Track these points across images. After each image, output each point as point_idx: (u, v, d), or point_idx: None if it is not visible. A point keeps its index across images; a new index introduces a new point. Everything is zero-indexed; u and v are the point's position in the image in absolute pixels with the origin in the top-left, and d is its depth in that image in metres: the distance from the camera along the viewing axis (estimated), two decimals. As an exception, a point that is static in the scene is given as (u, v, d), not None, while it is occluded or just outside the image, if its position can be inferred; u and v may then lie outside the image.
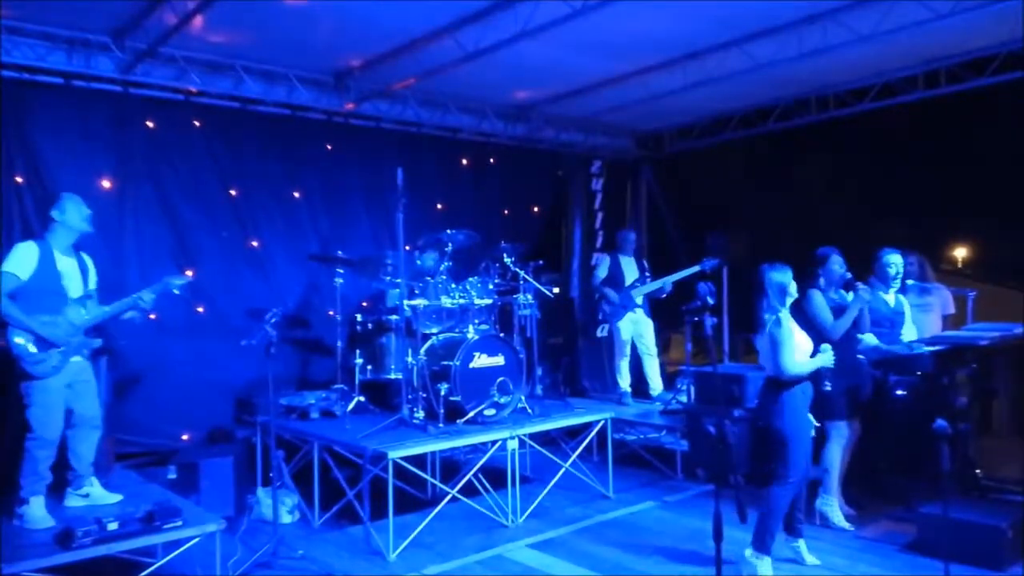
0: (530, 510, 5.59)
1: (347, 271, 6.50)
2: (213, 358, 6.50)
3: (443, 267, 6.16)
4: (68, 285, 4.26)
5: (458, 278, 6.24)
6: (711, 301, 4.06)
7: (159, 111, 6.49)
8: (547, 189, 9.41)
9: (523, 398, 6.08)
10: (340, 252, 6.63)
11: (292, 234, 7.19)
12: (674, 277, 7.40)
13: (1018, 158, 7.12)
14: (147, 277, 5.59)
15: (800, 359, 4.39)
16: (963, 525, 4.38)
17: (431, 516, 5.10)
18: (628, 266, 7.67)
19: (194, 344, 6.49)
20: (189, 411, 6.40)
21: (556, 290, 7.12)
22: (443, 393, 5.52)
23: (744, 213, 9.11)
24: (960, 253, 12.17)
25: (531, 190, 9.10)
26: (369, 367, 6.17)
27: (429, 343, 5.98)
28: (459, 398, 5.60)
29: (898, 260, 5.42)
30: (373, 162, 7.59)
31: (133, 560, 3.94)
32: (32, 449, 4.10)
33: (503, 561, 4.85)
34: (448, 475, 6.07)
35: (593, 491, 6.15)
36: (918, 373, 5.21)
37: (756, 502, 4.44)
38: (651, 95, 7.51)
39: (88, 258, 4.46)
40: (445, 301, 6.02)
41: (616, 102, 7.94)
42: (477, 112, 8.03)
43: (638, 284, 7.56)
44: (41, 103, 5.93)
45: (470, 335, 5.82)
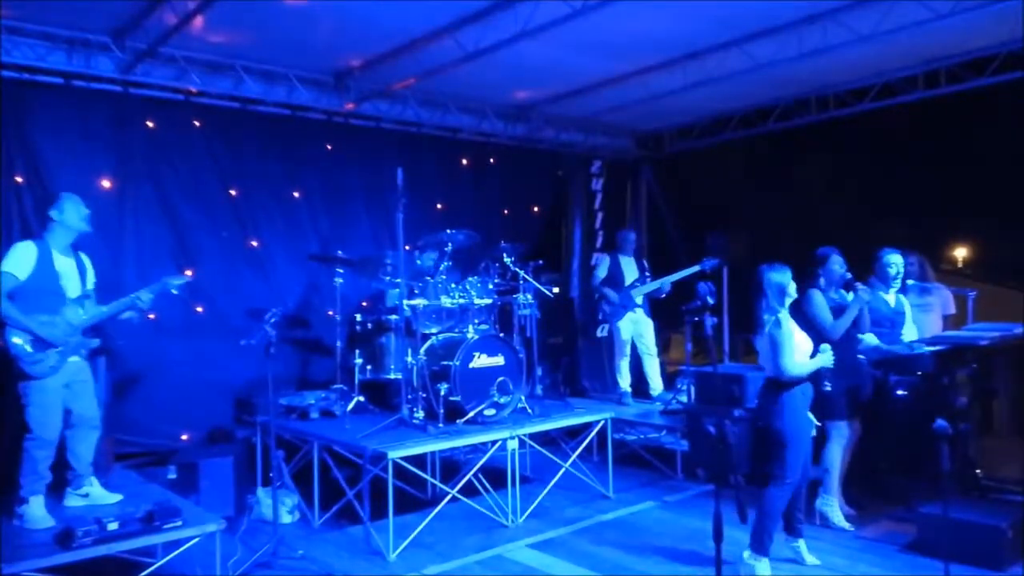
0: (530, 510, 5.59)
1: (347, 271, 6.50)
2: (213, 358, 6.50)
3: (443, 267, 6.16)
4: (66, 285, 4.26)
5: (458, 278, 6.24)
6: (711, 301, 4.06)
7: (159, 111, 6.49)
8: (547, 189, 9.41)
9: (523, 398, 6.08)
10: (340, 252, 6.62)
11: (292, 234, 7.19)
12: (673, 277, 7.39)
13: (1018, 158, 7.11)
14: (147, 277, 5.58)
15: (800, 360, 4.39)
16: (963, 525, 4.38)
17: (431, 516, 5.10)
18: (628, 266, 7.66)
19: (194, 344, 6.49)
20: (189, 411, 6.40)
21: (556, 290, 7.12)
22: (443, 393, 5.52)
23: (744, 213, 9.11)
24: (960, 253, 12.16)
25: (531, 190, 9.10)
26: (369, 367, 6.17)
27: (429, 343, 5.98)
28: (459, 398, 5.60)
29: (898, 260, 5.41)
30: (373, 162, 7.59)
31: (133, 560, 3.94)
32: (31, 449, 4.10)
33: (503, 561, 4.85)
34: (448, 475, 6.07)
35: (593, 491, 6.15)
36: (918, 373, 5.20)
37: (756, 502, 4.44)
38: (651, 95, 7.51)
39: (86, 258, 4.46)
40: (445, 301, 6.02)
41: (616, 102, 7.94)
42: (477, 112, 8.03)
43: (638, 284, 7.56)
44: (41, 103, 5.94)
45: (470, 335, 5.82)
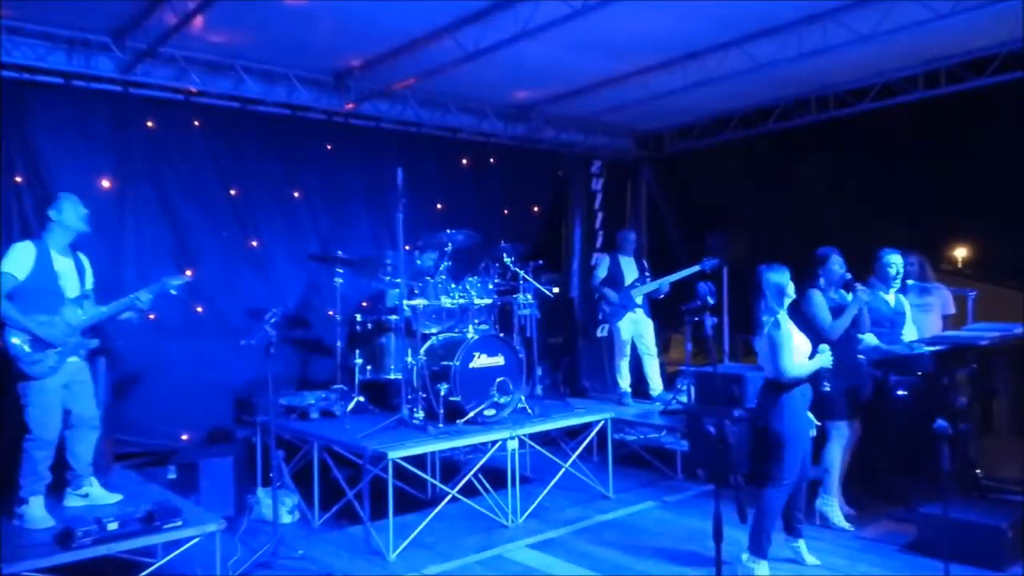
0: (530, 510, 5.59)
1: (347, 271, 6.50)
2: (213, 358, 6.50)
3: (443, 267, 6.16)
4: (65, 285, 4.25)
5: (458, 278, 6.24)
6: (711, 301, 4.06)
7: (159, 111, 6.49)
8: (547, 189, 9.41)
9: (523, 398, 6.08)
10: (340, 252, 6.63)
11: (292, 234, 7.19)
12: (673, 277, 7.39)
13: (1018, 158, 7.11)
14: (146, 277, 5.58)
15: (799, 361, 4.38)
16: (963, 525, 4.37)
17: (431, 516, 5.10)
18: (628, 266, 7.66)
19: (194, 344, 6.50)
20: (189, 411, 6.40)
21: (556, 290, 7.12)
22: (443, 393, 5.52)
23: (744, 213, 9.11)
24: (960, 253, 12.17)
25: (531, 190, 9.10)
26: (369, 367, 6.17)
27: (429, 343, 5.98)
28: (459, 398, 5.60)
29: (898, 260, 5.41)
30: (373, 162, 7.59)
31: (133, 560, 3.94)
32: (30, 450, 4.10)
33: (503, 561, 4.85)
34: (448, 475, 6.07)
35: (593, 491, 6.15)
36: (918, 373, 5.20)
37: (756, 503, 4.44)
38: (651, 95, 7.51)
39: (85, 258, 4.45)
40: (445, 301, 6.02)
41: (616, 102, 7.94)
42: (477, 112, 8.03)
43: (638, 284, 7.56)
44: (41, 103, 5.94)
45: (470, 335, 5.82)
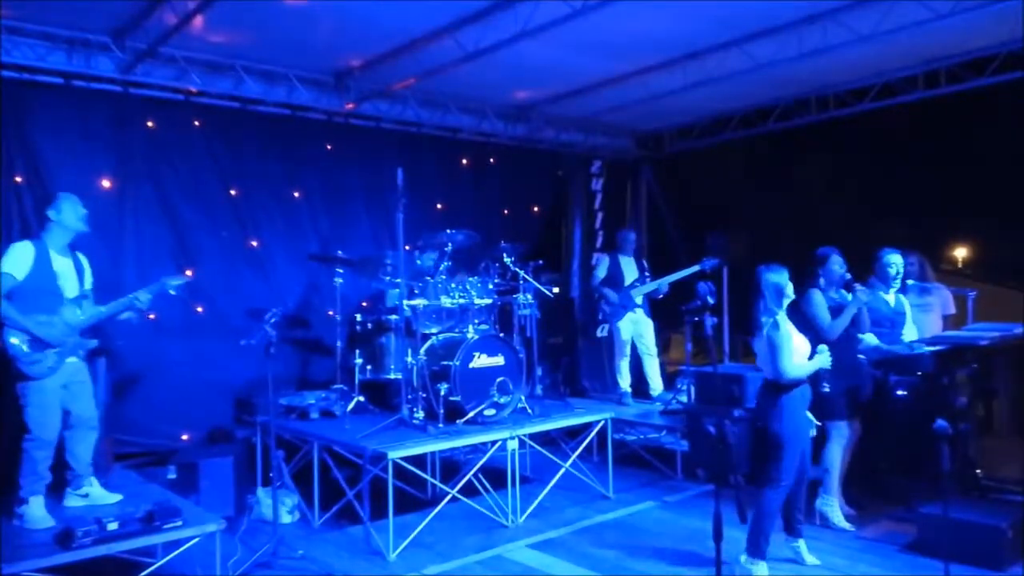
0: (530, 510, 5.59)
1: (347, 271, 6.50)
2: (213, 358, 6.50)
3: (443, 267, 6.17)
4: (64, 285, 4.25)
5: (458, 278, 6.24)
6: (711, 301, 4.06)
7: (159, 111, 6.49)
8: (547, 189, 9.41)
9: (523, 398, 6.08)
10: (340, 252, 6.62)
11: (292, 234, 7.19)
12: (672, 277, 7.40)
13: (1018, 158, 7.11)
14: (146, 277, 5.57)
15: (799, 362, 4.37)
16: (963, 525, 4.38)
17: (431, 516, 5.10)
18: (628, 266, 7.66)
19: (194, 344, 6.50)
20: (189, 411, 6.40)
21: (556, 290, 7.11)
22: (443, 393, 5.52)
23: (744, 213, 9.11)
24: (960, 253, 12.16)
25: (531, 190, 9.10)
26: (369, 367, 6.17)
27: (429, 343, 5.98)
28: (459, 398, 5.60)
29: (898, 260, 5.41)
30: (373, 162, 7.59)
31: (133, 560, 3.94)
32: (30, 450, 4.09)
33: (503, 561, 4.85)
34: (448, 475, 6.07)
35: (593, 491, 6.14)
36: (918, 373, 5.20)
37: (755, 503, 4.44)
38: (651, 95, 7.51)
39: (84, 258, 4.45)
40: (445, 301, 6.02)
41: (616, 102, 7.94)
42: (477, 112, 8.03)
43: (637, 284, 7.56)
44: (41, 103, 5.94)
45: (470, 335, 5.82)
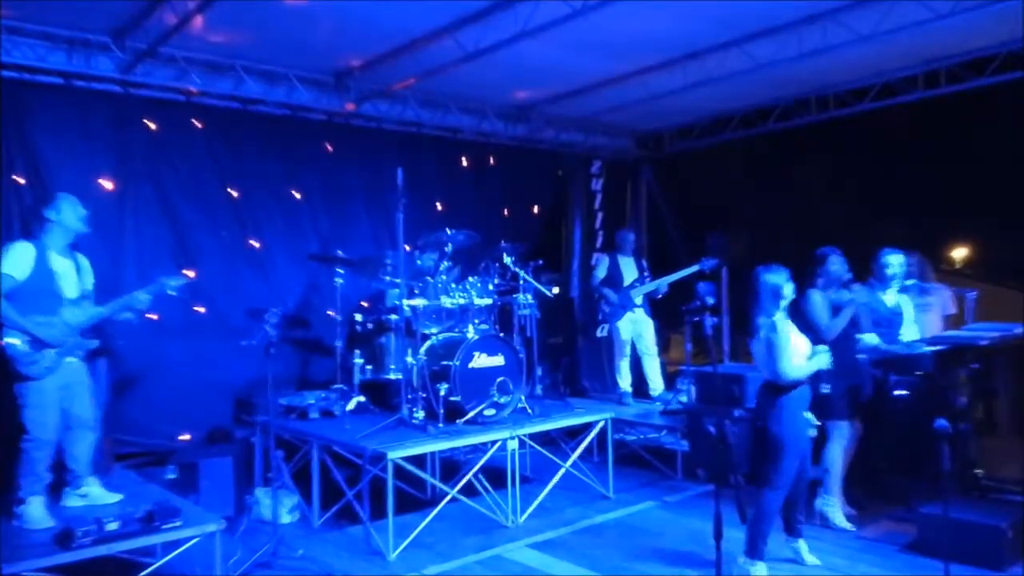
0: (530, 510, 5.59)
1: (347, 271, 6.50)
2: (213, 358, 6.50)
3: (443, 267, 6.17)
4: (63, 285, 4.25)
5: (458, 278, 6.24)
6: (711, 301, 4.07)
7: (159, 111, 6.49)
8: (547, 189, 9.40)
9: (523, 398, 6.08)
10: (340, 252, 6.62)
11: (292, 234, 7.19)
12: (671, 277, 7.40)
13: (1018, 158, 7.11)
14: (146, 277, 5.53)
15: (798, 363, 4.35)
16: (963, 525, 4.38)
17: (431, 516, 5.10)
18: (627, 266, 7.67)
19: (194, 344, 6.49)
20: (189, 411, 6.40)
21: (556, 290, 7.11)
22: (443, 393, 5.51)
23: (744, 213, 9.11)
24: (960, 253, 12.15)
25: (531, 190, 9.09)
26: (369, 367, 6.17)
27: (429, 343, 5.98)
28: (459, 398, 5.60)
29: (898, 260, 5.41)
30: (373, 162, 7.59)
31: (133, 560, 3.94)
32: (30, 450, 4.09)
33: (503, 561, 4.85)
34: (448, 475, 6.07)
35: (593, 491, 6.14)
36: (918, 373, 5.21)
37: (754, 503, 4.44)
38: (651, 95, 7.51)
39: (83, 258, 4.45)
40: (445, 301, 6.02)
41: (616, 102, 7.93)
42: (477, 112, 8.03)
43: (637, 284, 7.56)
44: (41, 103, 5.93)
45: (470, 335, 5.82)
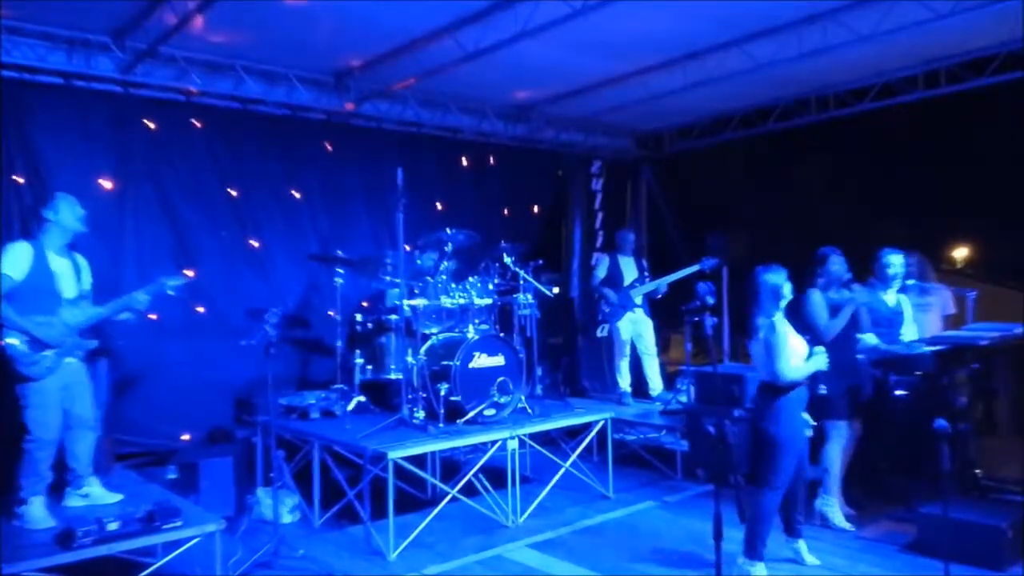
0: (530, 510, 5.60)
1: (347, 271, 6.50)
2: (213, 358, 6.50)
3: (443, 267, 6.17)
4: (62, 286, 4.25)
5: (458, 278, 6.24)
6: (711, 301, 4.06)
7: (159, 111, 6.49)
8: (547, 189, 9.41)
9: (523, 398, 6.08)
10: (340, 252, 6.62)
11: (292, 234, 7.19)
12: (671, 277, 7.41)
13: (1018, 158, 7.10)
14: (146, 277, 5.53)
15: (796, 364, 4.34)
16: (963, 525, 4.38)
17: (431, 516, 5.10)
18: (627, 266, 7.67)
19: (194, 344, 6.49)
20: (189, 411, 6.40)
21: (556, 290, 7.11)
22: (443, 393, 5.52)
23: (744, 213, 9.10)
24: (960, 253, 12.14)
25: (531, 190, 9.09)
26: (369, 367, 6.17)
27: (429, 343, 5.98)
28: (459, 398, 5.60)
29: (898, 260, 5.41)
30: (373, 162, 7.59)
31: (133, 560, 3.94)
32: (32, 451, 4.09)
33: (503, 561, 4.85)
34: (448, 475, 6.07)
35: (593, 491, 6.15)
36: (918, 373, 5.20)
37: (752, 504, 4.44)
38: (651, 95, 7.52)
39: (82, 258, 4.45)
40: (445, 301, 6.02)
41: (616, 102, 7.94)
42: (477, 112, 8.03)
43: (637, 284, 7.56)
44: (41, 103, 5.93)
45: (470, 335, 5.82)
